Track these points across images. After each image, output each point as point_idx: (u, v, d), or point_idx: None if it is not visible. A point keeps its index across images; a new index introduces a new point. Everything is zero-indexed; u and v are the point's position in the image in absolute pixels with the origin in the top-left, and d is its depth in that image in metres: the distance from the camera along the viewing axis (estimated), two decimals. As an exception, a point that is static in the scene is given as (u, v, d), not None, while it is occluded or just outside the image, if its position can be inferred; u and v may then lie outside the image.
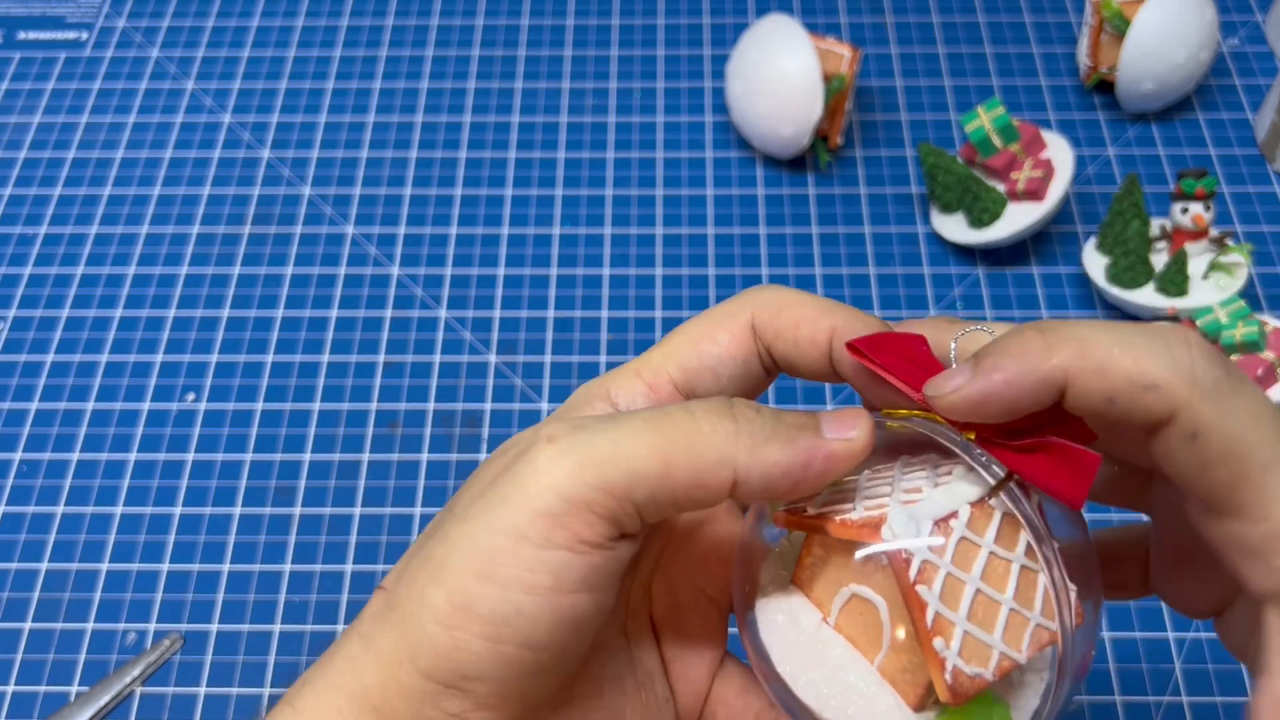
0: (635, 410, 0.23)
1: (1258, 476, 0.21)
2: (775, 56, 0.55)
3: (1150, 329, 0.22)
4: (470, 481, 0.24)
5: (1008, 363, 0.22)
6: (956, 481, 0.23)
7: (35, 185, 0.60)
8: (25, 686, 0.44)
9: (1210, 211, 0.50)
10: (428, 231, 0.57)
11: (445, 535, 0.22)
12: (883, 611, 0.23)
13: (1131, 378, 0.21)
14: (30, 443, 0.50)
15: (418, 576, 0.22)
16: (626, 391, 0.25)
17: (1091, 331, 0.21)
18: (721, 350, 0.25)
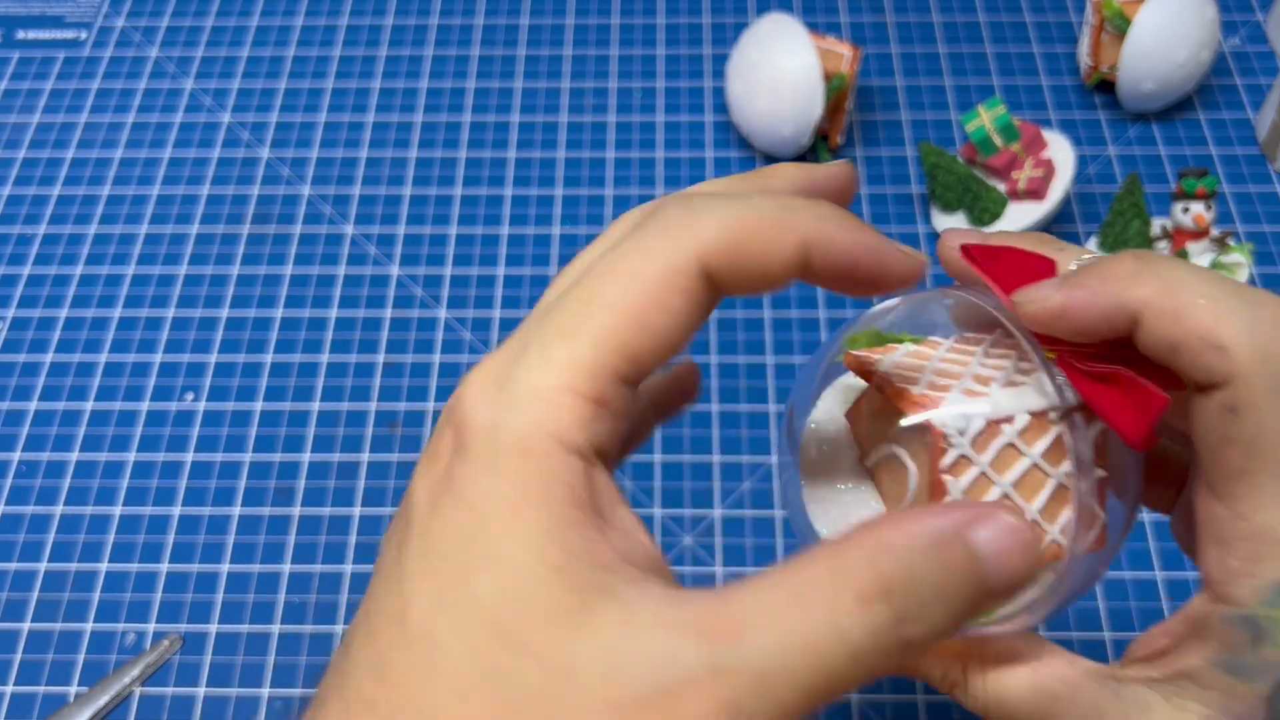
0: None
1: (1265, 478, 0.21)
2: (775, 56, 0.55)
3: (1251, 293, 0.21)
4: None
5: (1093, 282, 0.21)
6: (1028, 389, 0.23)
7: (34, 185, 0.59)
8: (24, 687, 0.44)
9: (1211, 211, 0.50)
10: (427, 231, 0.57)
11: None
12: (911, 479, 0.24)
13: (1202, 333, 0.20)
14: (29, 443, 0.50)
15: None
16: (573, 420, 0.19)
17: (1185, 275, 0.21)
18: (677, 318, 0.20)
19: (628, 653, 0.17)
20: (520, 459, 0.19)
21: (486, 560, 0.18)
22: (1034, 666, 0.24)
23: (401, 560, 0.19)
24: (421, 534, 0.19)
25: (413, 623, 0.18)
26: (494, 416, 0.19)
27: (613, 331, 0.19)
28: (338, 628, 0.45)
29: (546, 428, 0.19)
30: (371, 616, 0.19)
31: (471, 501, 0.19)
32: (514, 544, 0.18)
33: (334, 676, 0.20)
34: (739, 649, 0.17)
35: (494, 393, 0.19)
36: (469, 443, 0.19)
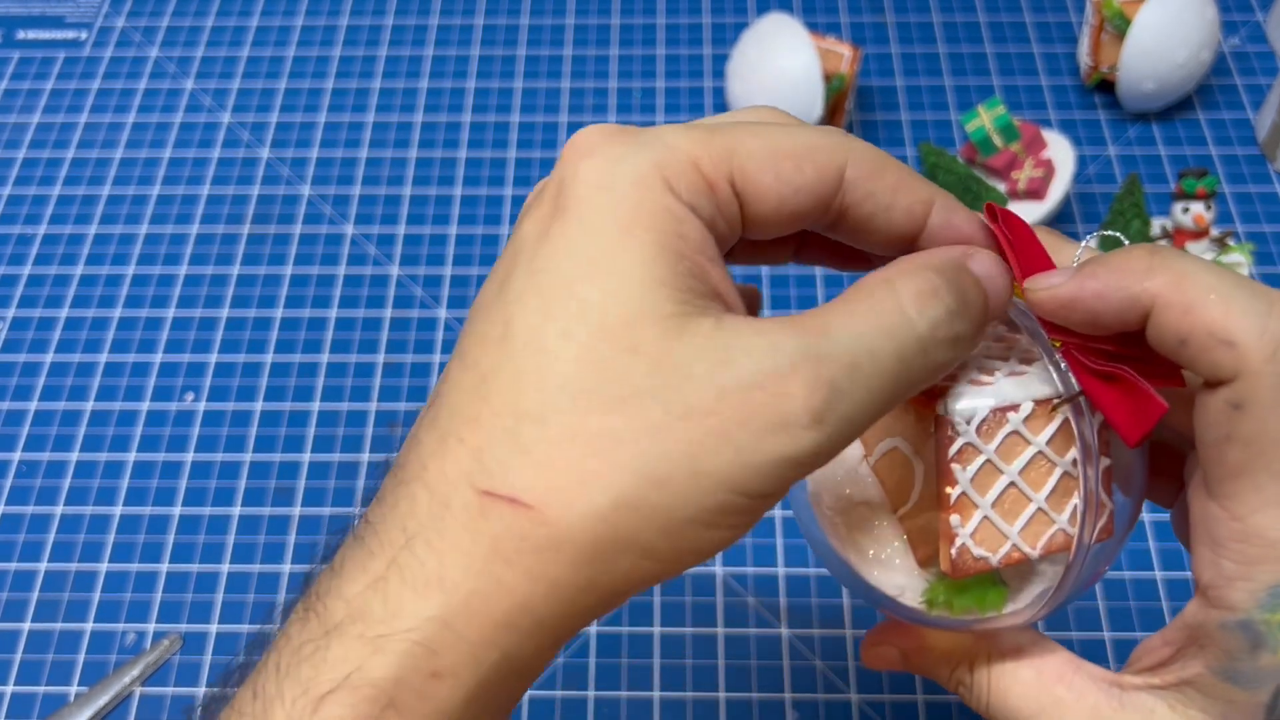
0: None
1: (1265, 477, 0.21)
2: (776, 56, 0.55)
3: (1264, 291, 0.21)
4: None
5: (1104, 272, 0.22)
6: (1031, 377, 0.23)
7: (34, 185, 0.59)
8: (24, 687, 0.44)
9: (1211, 211, 0.50)
10: (427, 231, 0.57)
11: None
12: (917, 472, 0.25)
13: (1212, 328, 0.20)
14: (29, 443, 0.50)
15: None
16: (687, 184, 0.20)
17: (1197, 269, 0.21)
18: (803, 182, 0.21)
19: (731, 346, 0.19)
20: (637, 188, 0.20)
21: (595, 269, 0.19)
22: (1039, 669, 0.24)
23: (505, 289, 0.20)
24: (529, 259, 0.20)
25: (516, 337, 0.19)
26: (620, 151, 0.20)
27: (748, 154, 0.21)
28: (338, 628, 0.45)
29: (667, 173, 0.20)
30: (466, 352, 0.20)
31: (583, 218, 0.20)
32: (624, 256, 0.19)
33: (420, 427, 0.21)
34: (830, 339, 0.19)
35: (619, 135, 0.20)
36: (586, 173, 0.20)
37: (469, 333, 0.21)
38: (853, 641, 0.44)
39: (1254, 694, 0.22)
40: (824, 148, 0.21)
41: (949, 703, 0.43)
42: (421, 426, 0.21)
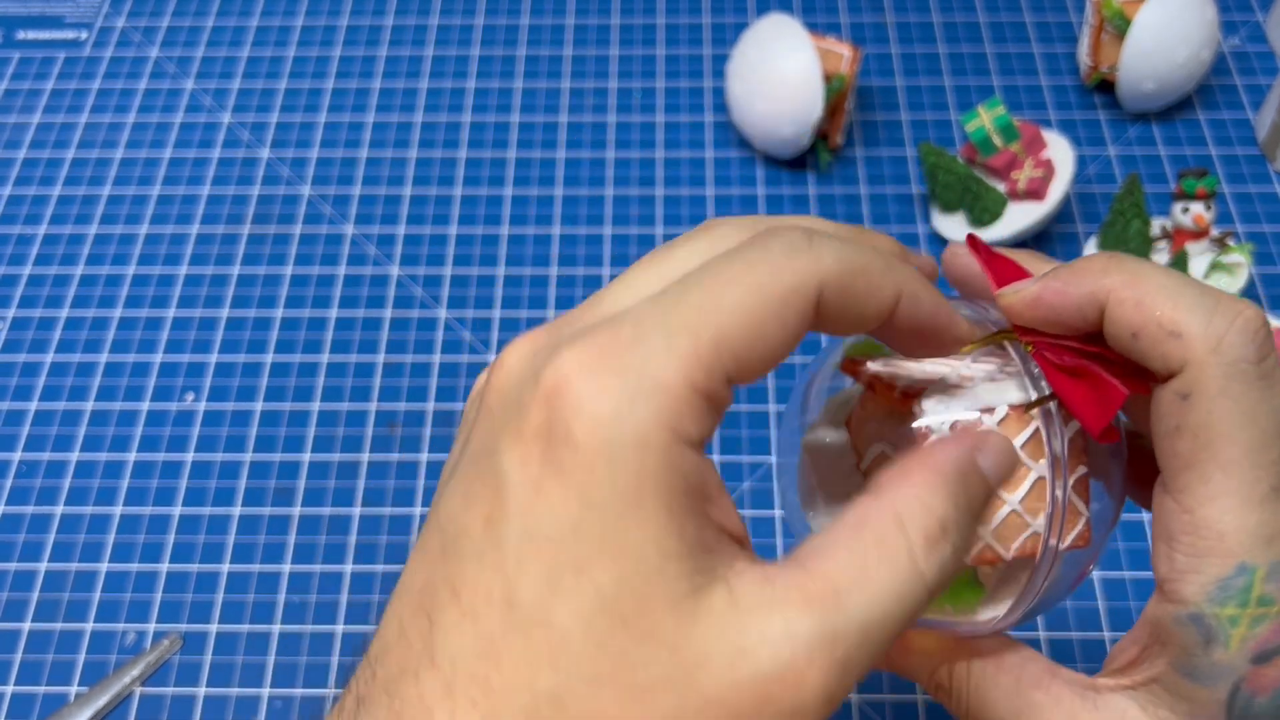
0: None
1: (1212, 468, 0.21)
2: (775, 56, 0.55)
3: (1214, 290, 0.22)
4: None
5: (1066, 274, 0.23)
6: (1008, 383, 0.24)
7: (34, 185, 0.59)
8: (24, 687, 0.44)
9: (1211, 211, 0.50)
10: (427, 231, 0.57)
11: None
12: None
13: (1161, 320, 0.21)
14: (29, 443, 0.50)
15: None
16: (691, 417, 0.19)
17: (1151, 270, 0.22)
18: (787, 336, 0.20)
19: (747, 631, 0.18)
20: (641, 450, 0.19)
21: (604, 549, 0.18)
22: (1018, 675, 0.24)
23: (498, 539, 0.19)
24: (523, 514, 0.19)
25: (523, 606, 0.19)
26: (614, 406, 0.19)
27: (734, 335, 0.19)
28: (338, 627, 0.45)
29: (668, 421, 0.19)
30: (463, 594, 0.19)
31: (585, 489, 0.19)
32: (634, 534, 0.18)
33: (412, 652, 0.19)
34: (844, 612, 0.19)
35: (610, 379, 0.19)
36: (581, 429, 0.19)
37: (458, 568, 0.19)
38: (852, 641, 0.44)
39: (1213, 690, 0.22)
40: (799, 289, 0.20)
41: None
42: (412, 652, 0.19)
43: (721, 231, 0.22)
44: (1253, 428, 0.21)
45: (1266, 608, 0.21)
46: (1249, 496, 0.21)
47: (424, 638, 0.19)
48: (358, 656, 0.44)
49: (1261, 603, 0.21)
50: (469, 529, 0.20)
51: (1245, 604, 0.21)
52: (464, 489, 0.20)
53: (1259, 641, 0.21)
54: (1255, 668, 0.21)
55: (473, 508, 0.20)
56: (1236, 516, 0.21)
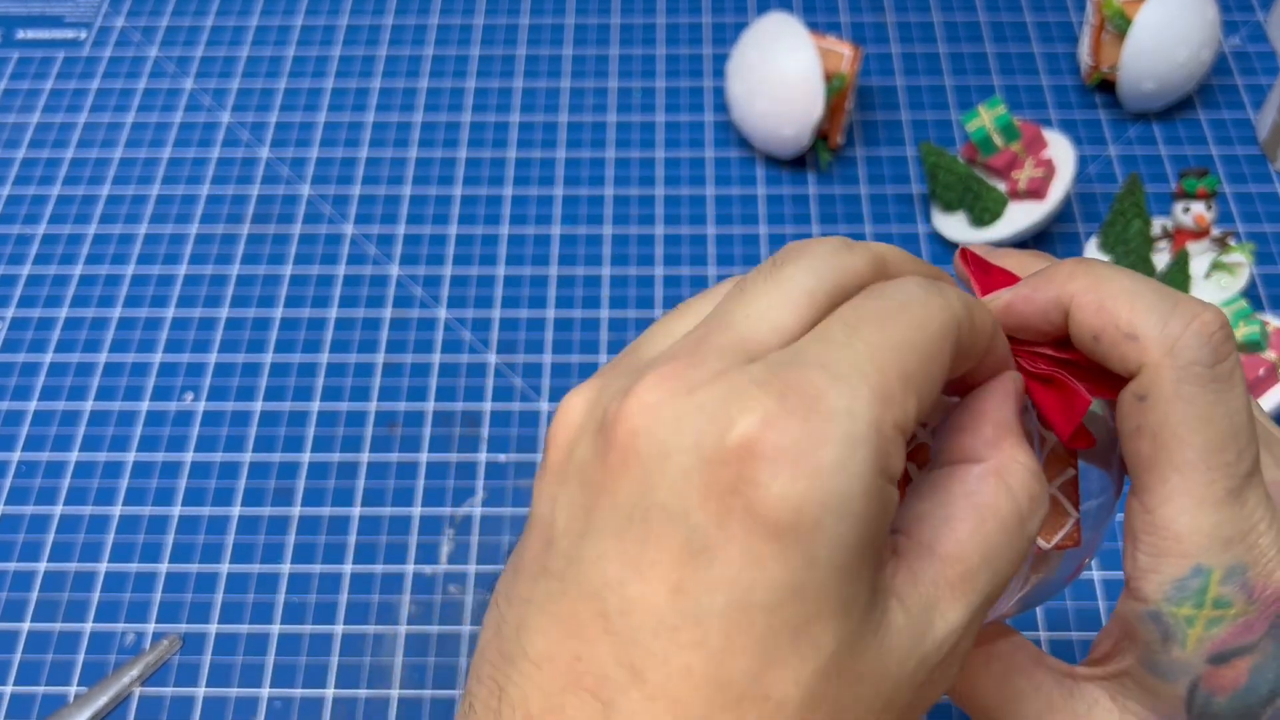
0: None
1: (1169, 470, 0.21)
2: (776, 55, 0.55)
3: (1174, 294, 0.22)
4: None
5: (1036, 281, 0.23)
6: None
7: (33, 184, 0.59)
8: (23, 687, 0.44)
9: (1212, 211, 0.50)
10: (427, 231, 0.57)
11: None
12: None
13: (1119, 322, 0.22)
14: (28, 443, 0.50)
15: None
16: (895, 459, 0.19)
17: (1114, 275, 0.22)
18: (944, 374, 0.20)
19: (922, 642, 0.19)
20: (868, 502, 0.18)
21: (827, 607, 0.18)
22: (1006, 662, 0.25)
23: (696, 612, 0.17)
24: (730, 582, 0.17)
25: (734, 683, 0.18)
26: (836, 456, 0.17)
27: (916, 374, 0.19)
28: (337, 628, 0.45)
29: (883, 467, 0.18)
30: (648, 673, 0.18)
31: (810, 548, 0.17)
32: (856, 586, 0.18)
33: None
34: (979, 591, 0.20)
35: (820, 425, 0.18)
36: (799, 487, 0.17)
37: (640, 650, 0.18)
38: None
39: (1173, 686, 0.22)
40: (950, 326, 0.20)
41: (948, 703, 0.43)
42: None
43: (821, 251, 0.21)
44: (1208, 430, 0.21)
45: (1223, 610, 0.21)
46: (1204, 498, 0.21)
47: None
48: (356, 657, 0.44)
49: (1217, 604, 0.21)
50: (646, 601, 0.18)
51: (1201, 605, 0.21)
52: (625, 551, 0.18)
53: (1215, 643, 0.22)
54: (1212, 668, 0.22)
55: (650, 578, 0.18)
56: (1192, 518, 0.21)
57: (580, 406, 0.20)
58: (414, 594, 0.46)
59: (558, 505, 0.20)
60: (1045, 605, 0.45)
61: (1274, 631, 0.22)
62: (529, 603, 0.19)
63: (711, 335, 0.20)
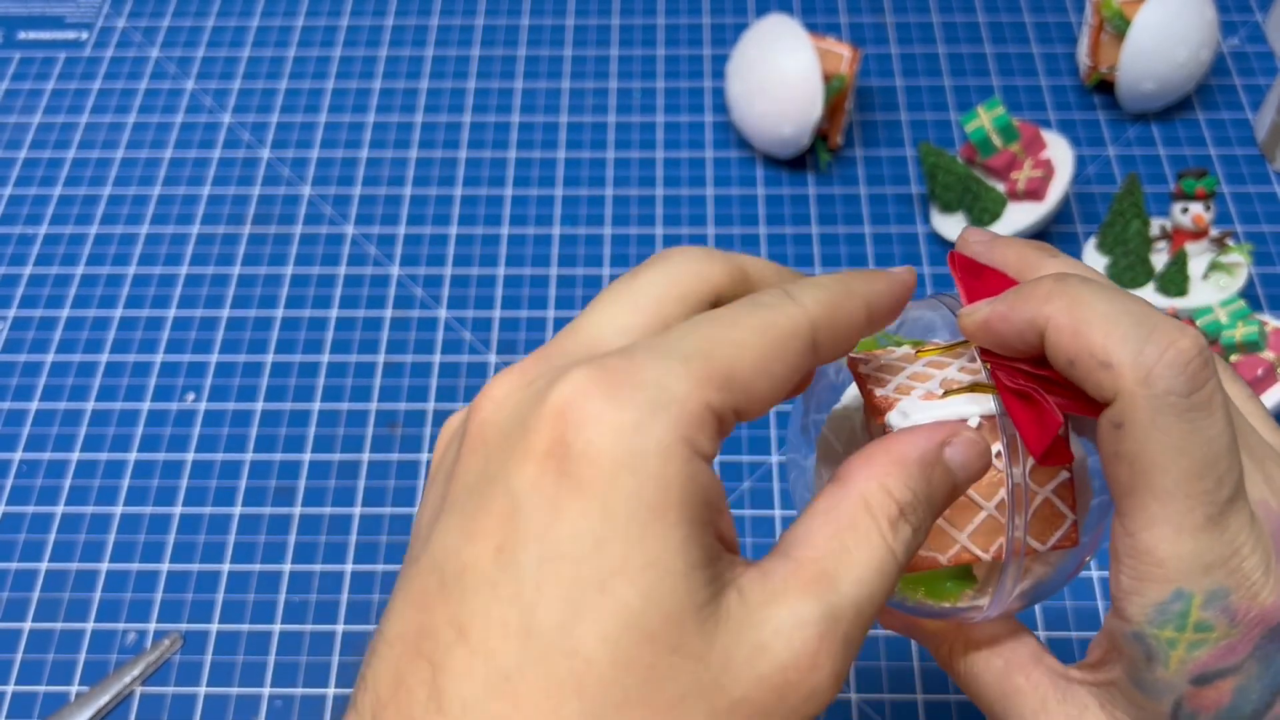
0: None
1: (1148, 497, 0.22)
2: (775, 56, 0.55)
3: (1153, 318, 0.22)
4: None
5: (1013, 299, 0.23)
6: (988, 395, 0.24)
7: (35, 185, 0.60)
8: (25, 686, 0.44)
9: (1210, 211, 0.50)
10: (428, 231, 0.57)
11: None
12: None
13: (1093, 350, 0.21)
14: (30, 442, 0.50)
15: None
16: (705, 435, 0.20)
17: (1092, 297, 0.22)
18: (789, 373, 0.21)
19: (762, 629, 0.19)
20: (664, 461, 0.19)
21: (628, 564, 0.18)
22: (1007, 659, 0.26)
23: (513, 567, 0.18)
24: (540, 537, 0.18)
25: (543, 634, 0.18)
26: (635, 418, 0.19)
27: (743, 369, 0.20)
28: (338, 627, 0.45)
29: (686, 435, 0.19)
30: (471, 631, 0.18)
31: (608, 502, 0.18)
32: (660, 546, 0.18)
33: (415, 702, 0.19)
34: (838, 592, 0.20)
35: (628, 393, 0.19)
36: (601, 441, 0.18)
37: (466, 603, 0.19)
38: (852, 641, 0.44)
39: (1157, 704, 0.23)
40: (797, 333, 0.21)
41: (949, 702, 0.43)
42: (416, 702, 0.18)
43: (678, 259, 0.23)
44: (1184, 459, 0.21)
45: (1205, 633, 0.22)
46: (1183, 525, 0.21)
47: (428, 685, 0.18)
48: (357, 656, 0.44)
49: (1199, 628, 0.22)
50: (475, 562, 0.19)
51: (1182, 629, 0.22)
52: (462, 523, 0.19)
53: (1197, 664, 0.22)
54: (1195, 688, 0.22)
55: (478, 539, 0.19)
56: (1172, 544, 0.21)
57: (454, 420, 0.22)
58: (414, 593, 0.46)
59: (426, 504, 0.21)
60: (1044, 604, 0.45)
61: (1258, 653, 0.22)
62: (394, 592, 0.20)
63: (562, 340, 0.22)
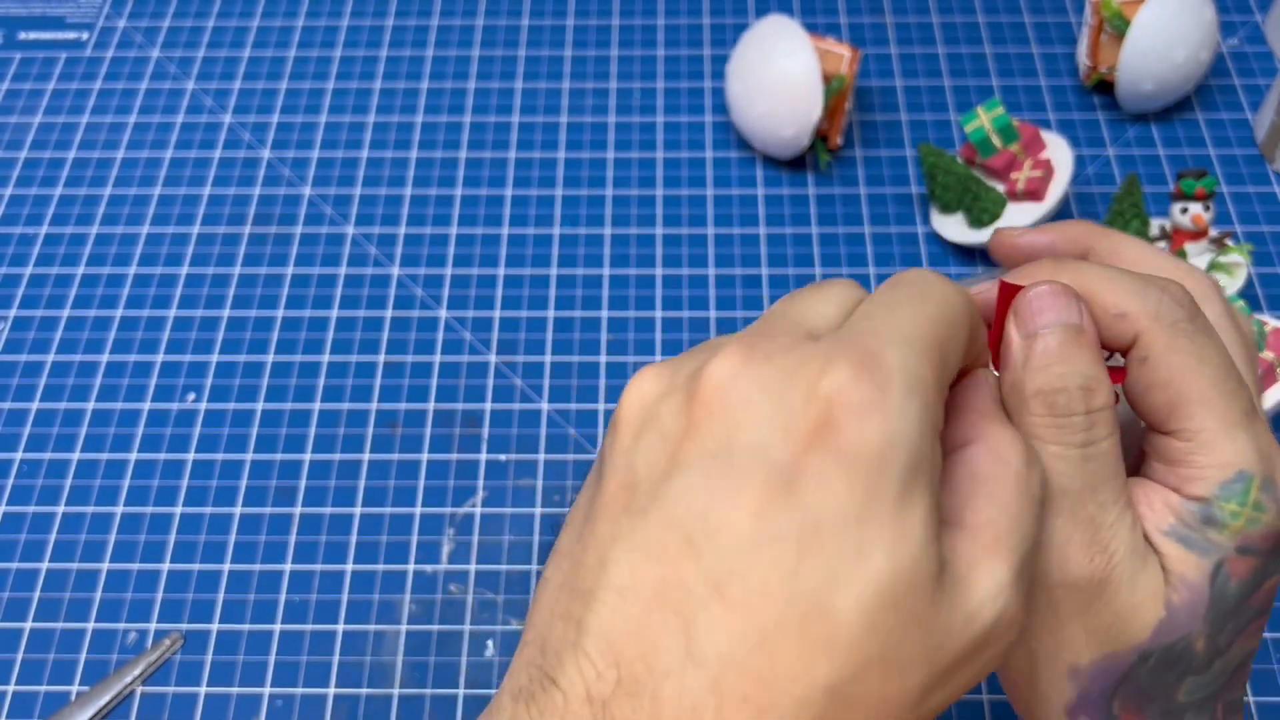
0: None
1: (1192, 407, 0.25)
2: (775, 57, 0.55)
3: (1143, 275, 0.26)
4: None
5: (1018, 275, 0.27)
6: None
7: (36, 185, 0.60)
8: (26, 686, 0.44)
9: (1210, 212, 0.50)
10: (428, 231, 0.57)
11: None
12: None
13: (1107, 306, 0.26)
14: (31, 442, 0.50)
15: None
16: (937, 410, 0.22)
17: (1089, 267, 0.26)
18: (965, 347, 0.24)
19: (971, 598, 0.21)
20: (919, 443, 0.21)
21: (886, 536, 0.20)
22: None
23: (775, 533, 0.20)
24: (805, 506, 0.20)
25: (803, 598, 0.19)
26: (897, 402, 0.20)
27: (946, 343, 0.23)
28: (339, 626, 0.45)
29: (932, 416, 0.21)
30: (728, 589, 0.19)
31: (872, 479, 0.20)
32: (913, 521, 0.20)
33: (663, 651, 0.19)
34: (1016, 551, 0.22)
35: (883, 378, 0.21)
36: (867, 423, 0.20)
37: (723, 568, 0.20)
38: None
39: (1202, 562, 0.25)
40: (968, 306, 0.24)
41: (947, 702, 0.43)
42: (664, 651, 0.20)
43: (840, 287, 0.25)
44: (1206, 366, 0.25)
45: (1259, 513, 0.25)
46: (1230, 420, 0.25)
47: (680, 636, 0.19)
48: (358, 655, 0.44)
49: (1256, 507, 0.25)
50: (732, 524, 0.20)
51: (1244, 504, 0.25)
52: (710, 484, 0.20)
53: (1245, 538, 0.25)
54: (1238, 556, 0.25)
55: (736, 503, 0.20)
56: (1228, 436, 0.25)
57: (652, 378, 0.23)
58: (415, 593, 0.46)
59: (636, 456, 0.22)
60: None
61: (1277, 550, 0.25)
62: (613, 540, 0.21)
63: (772, 323, 0.24)
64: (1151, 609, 0.25)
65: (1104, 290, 0.26)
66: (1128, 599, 0.25)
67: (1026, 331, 0.25)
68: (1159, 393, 0.25)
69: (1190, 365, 0.25)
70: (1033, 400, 0.25)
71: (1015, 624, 0.22)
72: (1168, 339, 0.25)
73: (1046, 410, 0.25)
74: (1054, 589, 0.25)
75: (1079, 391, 0.25)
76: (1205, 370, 0.25)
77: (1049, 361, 0.25)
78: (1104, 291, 0.26)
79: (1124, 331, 0.25)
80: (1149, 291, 0.25)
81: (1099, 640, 0.25)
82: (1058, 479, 0.25)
